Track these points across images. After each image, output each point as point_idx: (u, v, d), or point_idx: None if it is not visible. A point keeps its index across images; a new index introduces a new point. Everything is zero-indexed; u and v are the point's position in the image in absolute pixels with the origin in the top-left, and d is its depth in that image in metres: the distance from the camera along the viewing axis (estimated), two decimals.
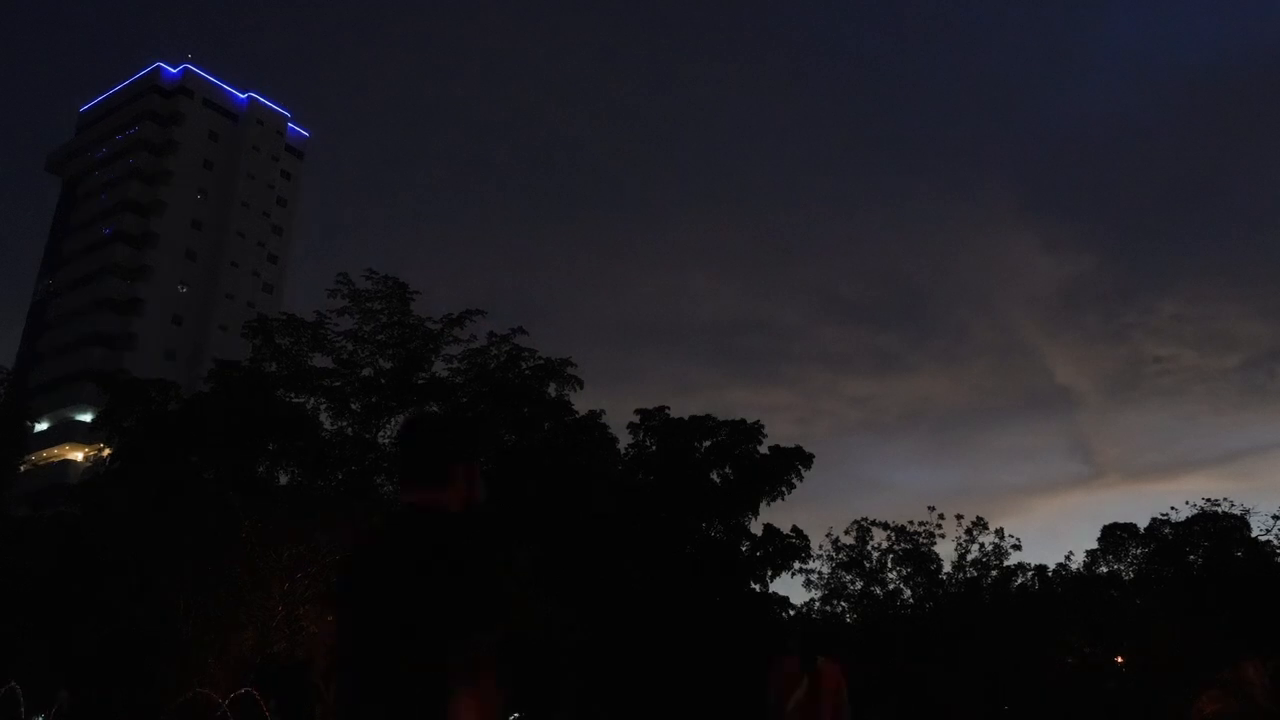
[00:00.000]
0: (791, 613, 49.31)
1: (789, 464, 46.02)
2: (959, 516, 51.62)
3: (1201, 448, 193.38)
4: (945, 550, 79.38)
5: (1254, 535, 52.70)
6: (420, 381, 40.06)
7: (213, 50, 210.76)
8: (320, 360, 40.74)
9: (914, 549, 50.71)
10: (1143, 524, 53.92)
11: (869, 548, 51.52)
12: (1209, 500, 54.78)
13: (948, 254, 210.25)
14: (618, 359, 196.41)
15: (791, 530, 47.02)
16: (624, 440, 46.01)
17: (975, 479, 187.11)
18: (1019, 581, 51.50)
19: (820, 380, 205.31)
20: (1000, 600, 49.49)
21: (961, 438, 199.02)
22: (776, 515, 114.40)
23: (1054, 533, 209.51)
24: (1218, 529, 53.79)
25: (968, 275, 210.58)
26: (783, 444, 47.31)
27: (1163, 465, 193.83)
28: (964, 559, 50.89)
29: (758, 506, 45.78)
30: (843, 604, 51.46)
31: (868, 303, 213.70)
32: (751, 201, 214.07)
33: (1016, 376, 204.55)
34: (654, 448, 47.00)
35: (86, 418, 66.08)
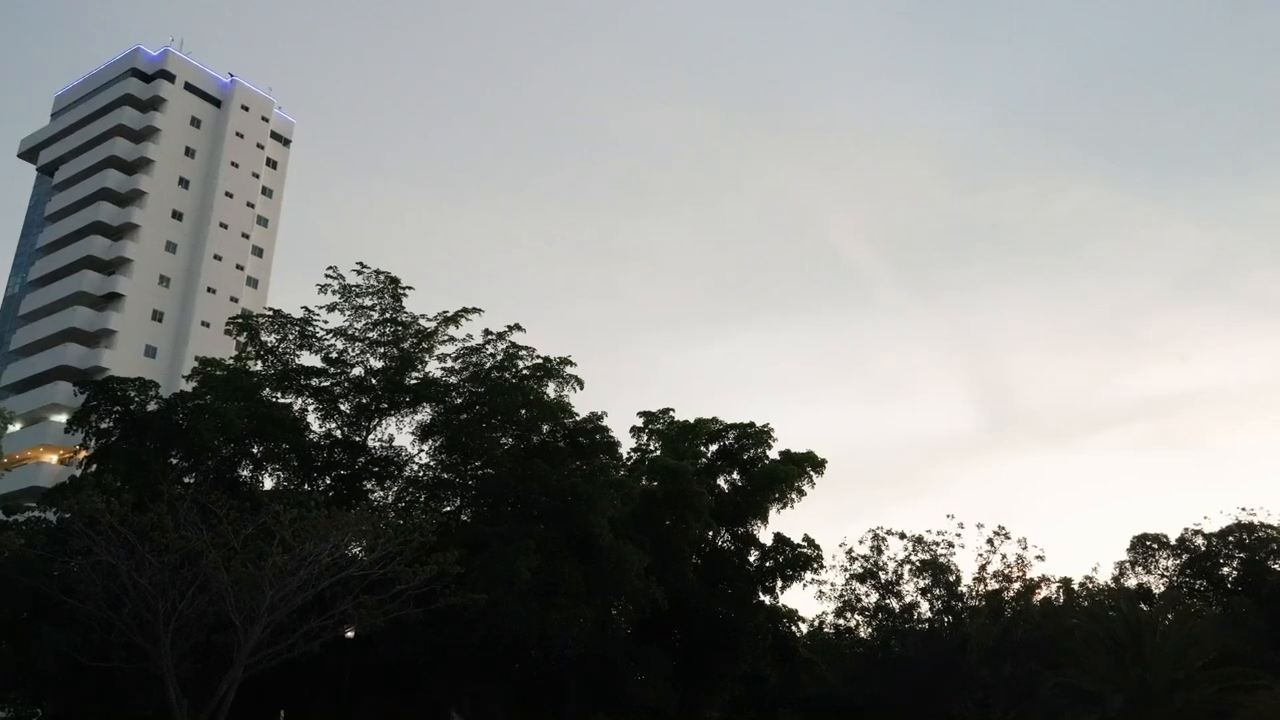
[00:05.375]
0: (802, 626, 49.36)
1: (800, 469, 46.03)
2: (979, 525, 51.57)
3: (1113, 399, 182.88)
4: (965, 561, 79.52)
5: None
6: (413, 382, 40.11)
7: (196, 32, 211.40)
8: (308, 358, 40.89)
9: (932, 559, 50.60)
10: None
11: (884, 558, 51.44)
12: (1243, 509, 54.81)
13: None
14: None
15: (803, 539, 47.07)
16: (626, 443, 46.10)
17: (875, 430, 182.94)
18: (1043, 594, 51.40)
19: (661, 341, 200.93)
20: (1023, 613, 49.39)
21: (856, 390, 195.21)
22: (783, 522, 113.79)
23: (972, 505, 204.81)
24: (1253, 539, 53.77)
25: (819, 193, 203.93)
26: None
27: (1073, 420, 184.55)
28: (984, 570, 50.79)
29: (767, 514, 45.82)
30: (857, 617, 51.38)
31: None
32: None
33: (878, 315, 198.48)
34: (658, 451, 47.07)
35: (61, 418, 66.22)
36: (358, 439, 39.80)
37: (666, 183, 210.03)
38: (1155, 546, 55.82)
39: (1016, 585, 50.54)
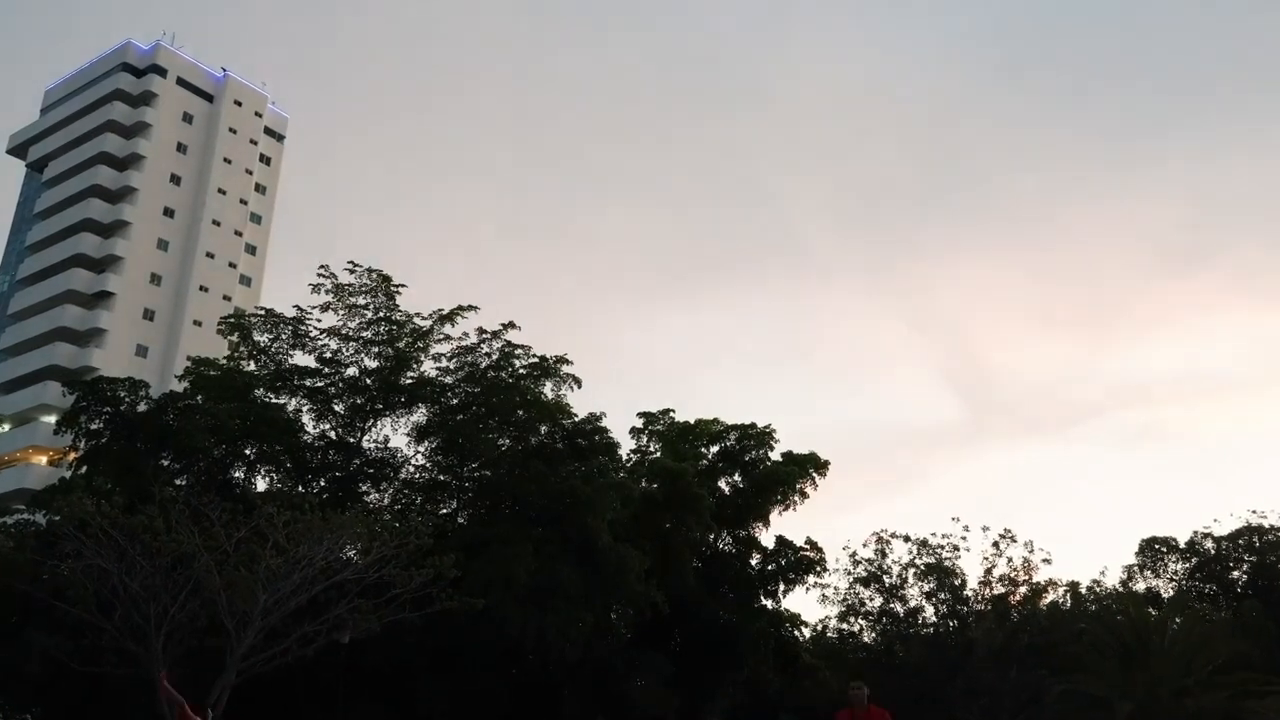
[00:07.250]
0: (805, 630, 49.42)
1: (802, 470, 46.07)
2: (985, 528, 51.57)
3: (1099, 385, 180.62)
4: (970, 564, 79.49)
5: None
6: (408, 382, 40.09)
7: (188, 26, 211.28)
8: (301, 358, 40.85)
9: (937, 563, 50.62)
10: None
11: (889, 561, 51.46)
12: (1254, 511, 54.80)
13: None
14: None
15: (806, 542, 47.11)
16: (626, 444, 46.10)
17: (854, 418, 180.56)
18: (1050, 598, 51.40)
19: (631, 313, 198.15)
20: (1030, 618, 49.41)
21: (829, 376, 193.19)
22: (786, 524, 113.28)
23: (962, 497, 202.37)
24: (1263, 542, 53.76)
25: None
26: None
27: (1055, 408, 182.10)
28: (990, 573, 50.79)
29: (769, 516, 45.84)
30: (860, 621, 51.42)
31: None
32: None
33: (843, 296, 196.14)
34: (658, 452, 47.09)
35: (51, 419, 66.21)
36: (352, 440, 39.77)
37: (613, 157, 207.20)
38: (1164, 550, 55.83)
39: (1023, 589, 50.56)
